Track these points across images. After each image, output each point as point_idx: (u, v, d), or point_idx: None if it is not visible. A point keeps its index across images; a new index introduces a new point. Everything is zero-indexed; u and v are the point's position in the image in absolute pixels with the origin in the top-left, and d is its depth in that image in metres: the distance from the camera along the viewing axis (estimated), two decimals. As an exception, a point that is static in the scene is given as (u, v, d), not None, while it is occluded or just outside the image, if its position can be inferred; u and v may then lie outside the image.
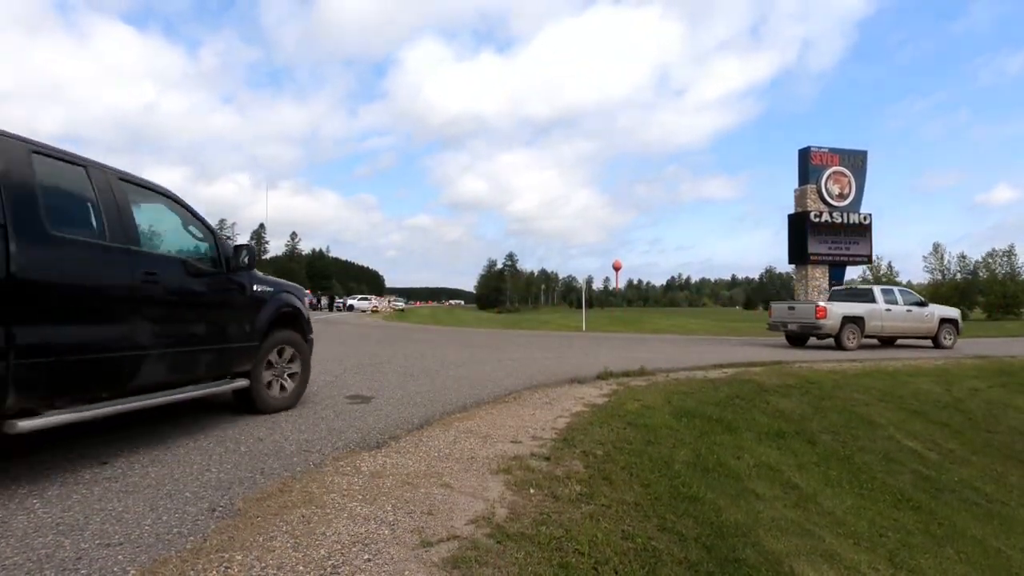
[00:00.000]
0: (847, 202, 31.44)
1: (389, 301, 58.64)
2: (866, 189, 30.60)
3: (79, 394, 3.20)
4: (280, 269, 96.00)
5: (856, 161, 32.05)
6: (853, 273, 39.63)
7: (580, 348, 13.41)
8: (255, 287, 4.66)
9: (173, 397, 3.84)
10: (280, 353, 4.96)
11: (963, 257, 52.86)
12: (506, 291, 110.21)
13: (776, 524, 3.81)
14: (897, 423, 7.80)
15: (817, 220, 30.77)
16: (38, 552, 2.22)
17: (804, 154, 31.44)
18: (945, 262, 52.87)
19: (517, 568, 2.39)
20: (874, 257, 34.22)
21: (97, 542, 2.33)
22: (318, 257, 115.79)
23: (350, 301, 53.32)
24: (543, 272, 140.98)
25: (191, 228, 4.26)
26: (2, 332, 2.69)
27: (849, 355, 12.79)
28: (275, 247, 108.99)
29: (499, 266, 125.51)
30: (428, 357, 10.09)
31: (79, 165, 3.40)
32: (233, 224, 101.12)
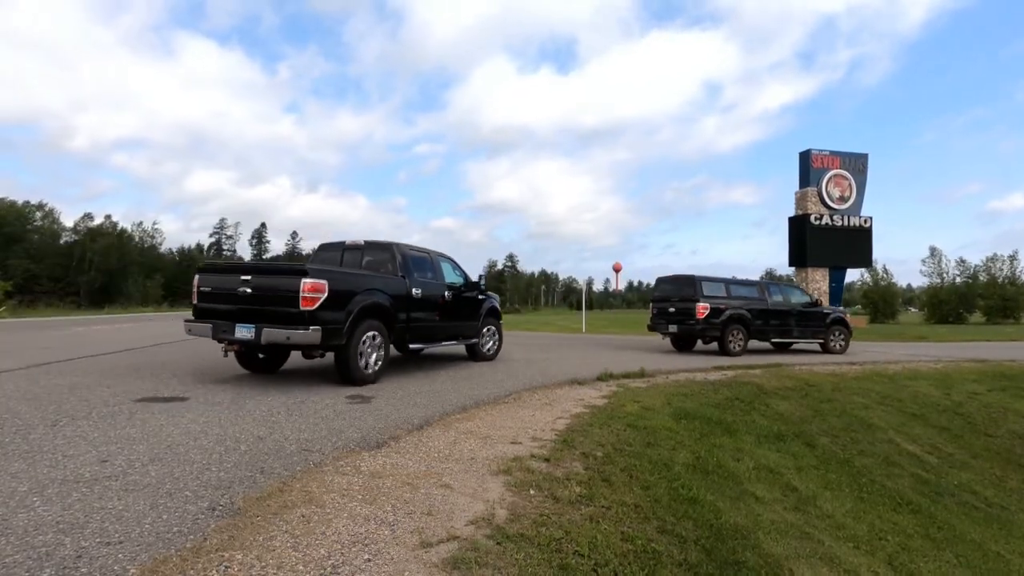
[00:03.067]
0: (847, 205, 31.41)
1: None
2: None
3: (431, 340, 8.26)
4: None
5: (857, 164, 32.00)
6: (853, 276, 39.66)
7: (580, 349, 13.41)
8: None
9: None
10: (488, 330, 9.79)
11: (962, 261, 52.94)
12: (506, 292, 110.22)
13: (775, 527, 3.81)
14: (896, 426, 7.80)
15: (817, 223, 30.74)
16: (39, 550, 2.22)
17: (805, 157, 31.39)
18: (943, 266, 52.97)
19: (517, 569, 2.39)
20: (874, 260, 34.23)
21: (97, 540, 2.33)
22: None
23: None
24: (543, 273, 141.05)
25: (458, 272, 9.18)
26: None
27: (848, 358, 12.79)
28: (276, 247, 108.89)
29: (499, 267, 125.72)
30: (427, 357, 10.09)
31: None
32: (237, 223, 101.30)
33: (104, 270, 51.04)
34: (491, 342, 9.80)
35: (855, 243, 31.55)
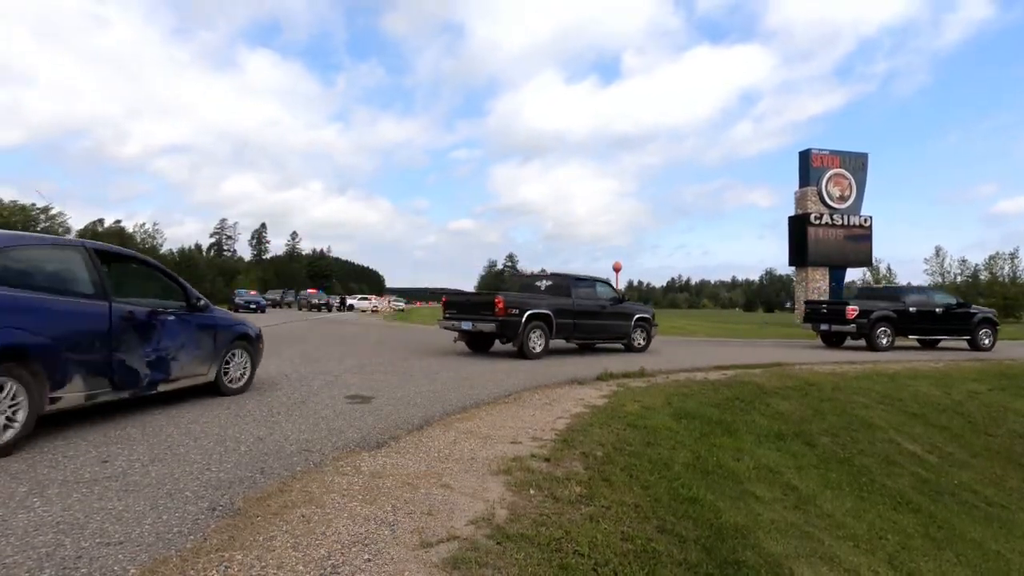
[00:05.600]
0: (847, 204, 31.39)
1: (389, 301, 58.52)
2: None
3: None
4: (280, 269, 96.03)
5: (857, 163, 31.97)
6: (853, 275, 39.68)
7: (580, 348, 13.40)
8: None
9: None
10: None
11: (964, 261, 52.95)
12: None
13: (776, 526, 3.81)
14: (896, 426, 7.80)
15: (817, 222, 30.73)
16: (38, 550, 2.23)
17: (804, 156, 31.36)
18: (946, 265, 52.98)
19: (517, 569, 2.39)
20: (874, 259, 34.22)
21: (97, 541, 2.33)
22: (318, 257, 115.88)
23: (350, 301, 53.25)
24: (543, 272, 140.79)
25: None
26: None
27: (848, 357, 12.78)
28: (275, 246, 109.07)
29: (499, 266, 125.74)
30: (428, 357, 10.09)
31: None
32: (235, 223, 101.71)
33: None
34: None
35: (855, 242, 31.53)
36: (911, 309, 14.28)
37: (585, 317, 11.20)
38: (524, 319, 9.86)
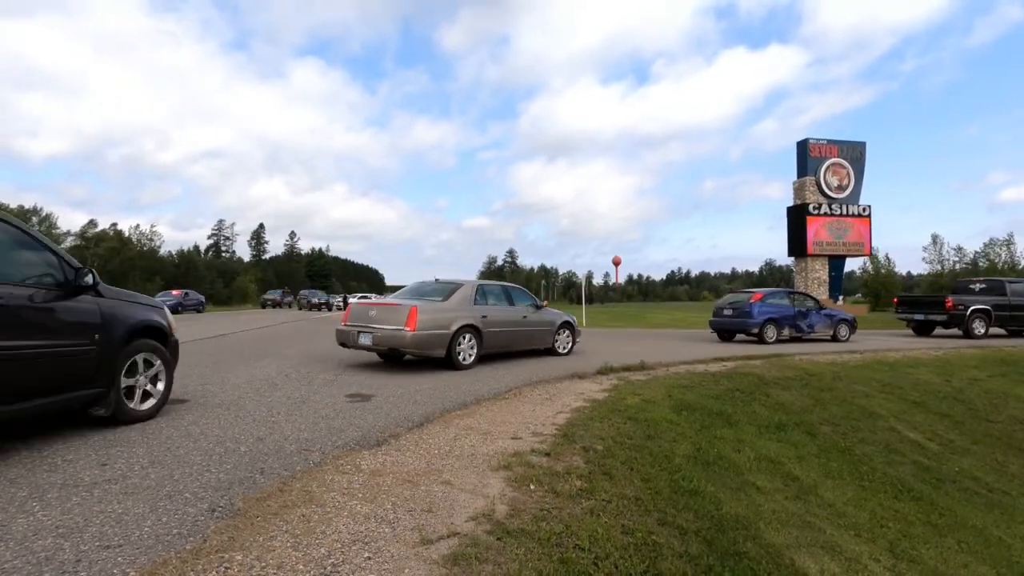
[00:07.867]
0: (846, 194, 31.35)
1: None
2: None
3: None
4: (280, 269, 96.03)
5: (855, 152, 31.90)
6: (852, 265, 39.59)
7: (580, 343, 13.40)
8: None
9: None
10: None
11: (960, 248, 52.85)
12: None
13: (777, 516, 3.82)
14: (897, 414, 7.81)
15: (816, 212, 30.70)
16: (38, 555, 2.22)
17: (802, 146, 31.30)
18: (943, 253, 52.90)
19: (517, 564, 2.39)
20: (872, 248, 34.17)
21: (97, 544, 2.33)
22: (317, 256, 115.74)
23: (350, 299, 53.25)
24: (543, 268, 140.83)
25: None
26: None
27: (848, 347, 12.79)
28: (275, 246, 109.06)
29: (499, 262, 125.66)
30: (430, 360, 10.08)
31: None
32: (233, 224, 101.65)
33: (104, 273, 51.08)
34: None
35: (854, 232, 31.50)
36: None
37: (1019, 310, 14.81)
38: (968, 313, 14.32)
